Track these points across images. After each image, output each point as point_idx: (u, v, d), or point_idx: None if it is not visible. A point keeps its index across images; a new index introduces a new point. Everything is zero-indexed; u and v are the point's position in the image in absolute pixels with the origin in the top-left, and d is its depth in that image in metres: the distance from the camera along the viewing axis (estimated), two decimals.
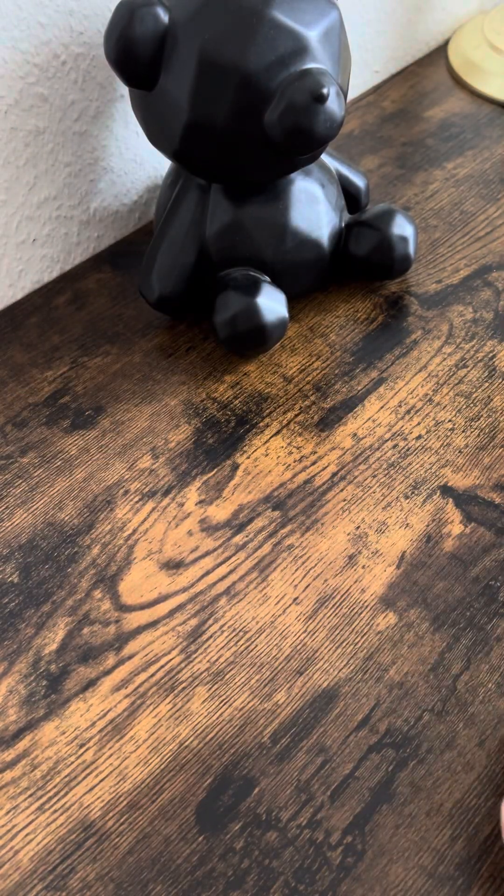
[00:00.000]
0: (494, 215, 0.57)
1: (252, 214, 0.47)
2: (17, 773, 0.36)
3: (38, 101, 0.47)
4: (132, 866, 0.34)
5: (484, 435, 0.46)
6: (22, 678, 0.39)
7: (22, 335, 0.52)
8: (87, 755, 0.37)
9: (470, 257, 0.55)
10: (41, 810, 0.35)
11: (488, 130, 0.63)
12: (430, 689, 0.38)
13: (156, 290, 0.49)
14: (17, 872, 0.34)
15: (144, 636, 0.40)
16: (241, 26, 0.40)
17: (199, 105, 0.42)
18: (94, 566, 0.42)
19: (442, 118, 0.65)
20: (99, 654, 0.39)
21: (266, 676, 0.38)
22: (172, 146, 0.44)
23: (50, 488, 0.45)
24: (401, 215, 0.51)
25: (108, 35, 0.42)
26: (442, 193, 0.59)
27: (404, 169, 0.61)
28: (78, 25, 0.47)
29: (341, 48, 0.43)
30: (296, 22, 0.41)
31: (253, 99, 0.41)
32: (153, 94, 0.43)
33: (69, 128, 0.50)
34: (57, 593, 0.41)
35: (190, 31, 0.41)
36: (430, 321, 0.52)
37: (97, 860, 0.34)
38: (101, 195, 0.54)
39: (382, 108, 0.66)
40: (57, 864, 0.34)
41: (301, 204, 0.48)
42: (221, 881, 0.33)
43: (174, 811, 0.35)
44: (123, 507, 0.44)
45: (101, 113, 0.51)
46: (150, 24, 0.41)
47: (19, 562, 0.42)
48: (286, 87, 0.41)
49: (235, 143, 0.43)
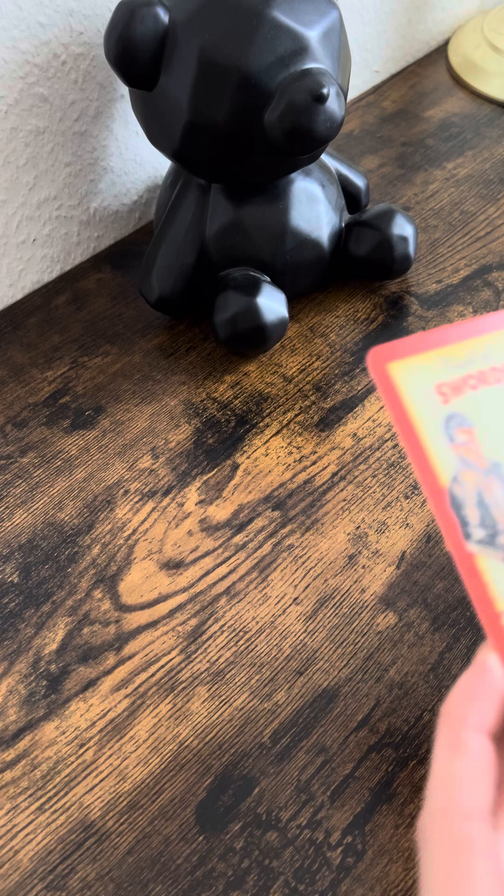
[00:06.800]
0: (494, 215, 0.57)
1: (252, 214, 0.47)
2: (17, 773, 0.36)
3: (38, 101, 0.47)
4: (132, 866, 0.34)
5: None
6: (22, 678, 0.39)
7: (22, 335, 0.52)
8: (87, 755, 0.37)
9: (470, 257, 0.55)
10: (41, 810, 0.35)
11: (488, 130, 0.63)
12: (430, 689, 0.38)
13: (156, 290, 0.49)
14: (17, 872, 0.34)
15: (144, 636, 0.40)
16: (241, 26, 0.40)
17: (200, 105, 0.42)
18: (94, 566, 0.42)
19: (442, 118, 0.64)
20: (99, 654, 0.39)
21: (266, 676, 0.38)
22: (172, 146, 0.44)
23: (50, 488, 0.45)
24: (401, 215, 0.51)
25: (108, 35, 0.42)
26: (442, 193, 0.59)
27: (404, 169, 0.61)
28: (78, 25, 0.47)
29: (341, 48, 0.43)
30: (296, 22, 0.41)
31: (253, 99, 0.41)
32: (153, 94, 0.43)
33: (69, 128, 0.50)
34: (57, 593, 0.41)
35: (190, 31, 0.41)
36: (431, 321, 0.52)
37: (97, 860, 0.34)
38: (101, 195, 0.54)
39: (382, 108, 0.66)
40: (57, 864, 0.34)
41: (301, 204, 0.48)
42: (221, 881, 0.33)
43: (174, 811, 0.35)
44: (123, 507, 0.44)
45: (101, 113, 0.51)
46: (150, 24, 0.41)
47: (19, 562, 0.42)
48: (286, 87, 0.41)
49: (235, 143, 0.43)
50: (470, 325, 0.28)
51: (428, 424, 0.26)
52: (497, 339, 0.28)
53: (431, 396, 0.26)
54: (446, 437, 0.26)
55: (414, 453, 0.26)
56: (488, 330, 0.28)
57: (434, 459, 0.26)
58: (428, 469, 0.26)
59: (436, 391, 0.27)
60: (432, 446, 0.26)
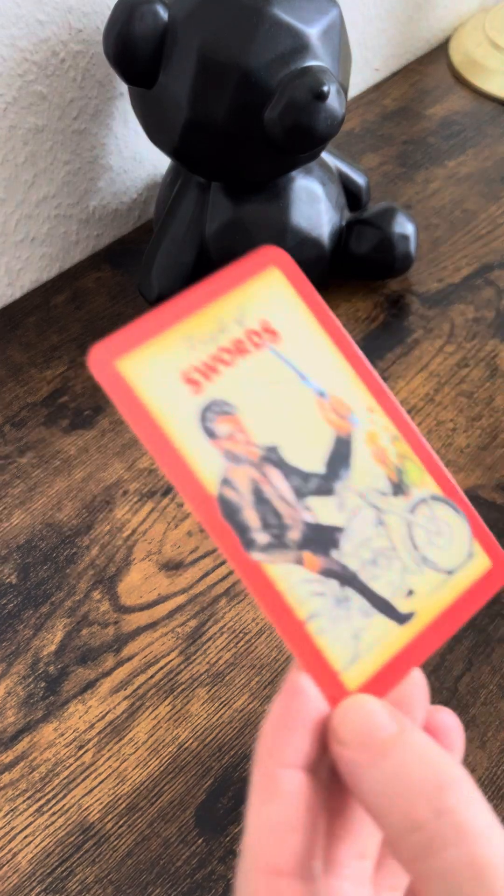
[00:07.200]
0: (496, 214, 0.57)
1: (252, 213, 0.47)
2: (15, 775, 0.36)
3: (36, 100, 0.47)
4: (131, 869, 0.34)
5: (486, 435, 0.46)
6: (20, 679, 0.38)
7: (21, 334, 0.51)
8: (85, 757, 0.36)
9: (471, 256, 0.55)
10: (40, 812, 0.35)
11: (490, 128, 0.63)
12: (432, 690, 0.38)
13: (155, 289, 0.49)
14: (15, 875, 0.34)
15: (144, 637, 0.39)
16: (241, 24, 0.40)
17: (199, 103, 0.41)
18: (93, 567, 0.42)
19: (443, 116, 0.64)
20: (98, 655, 0.39)
21: (266, 678, 0.38)
22: (172, 144, 0.44)
23: (48, 488, 0.45)
24: (402, 214, 0.50)
25: (107, 32, 0.42)
26: (443, 192, 0.59)
27: (405, 167, 0.61)
28: (77, 23, 0.47)
29: (342, 45, 0.43)
30: (296, 19, 0.41)
31: (253, 96, 0.41)
32: (153, 92, 0.43)
33: (68, 126, 0.50)
34: (55, 594, 0.41)
35: (190, 29, 0.40)
36: (432, 320, 0.51)
37: (96, 863, 0.34)
38: (101, 193, 0.54)
39: (383, 106, 0.65)
40: (56, 866, 0.34)
41: (301, 202, 0.48)
42: (221, 884, 0.33)
43: (174, 813, 0.35)
44: (122, 507, 0.44)
45: (101, 111, 0.51)
46: (149, 22, 0.41)
47: (18, 562, 0.42)
48: (287, 85, 0.40)
49: (235, 140, 0.42)
50: (210, 285, 0.22)
51: (179, 426, 0.21)
52: (247, 293, 0.23)
53: (178, 389, 0.21)
54: (203, 434, 0.21)
55: (167, 466, 0.21)
56: (234, 285, 0.23)
57: (194, 466, 0.21)
58: (188, 480, 0.21)
59: (183, 381, 0.22)
60: (189, 450, 0.21)
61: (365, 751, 0.20)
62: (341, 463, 0.23)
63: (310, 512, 0.22)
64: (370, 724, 0.21)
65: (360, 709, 0.21)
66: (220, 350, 0.22)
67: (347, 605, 0.22)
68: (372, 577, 0.23)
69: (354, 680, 0.22)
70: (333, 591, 0.22)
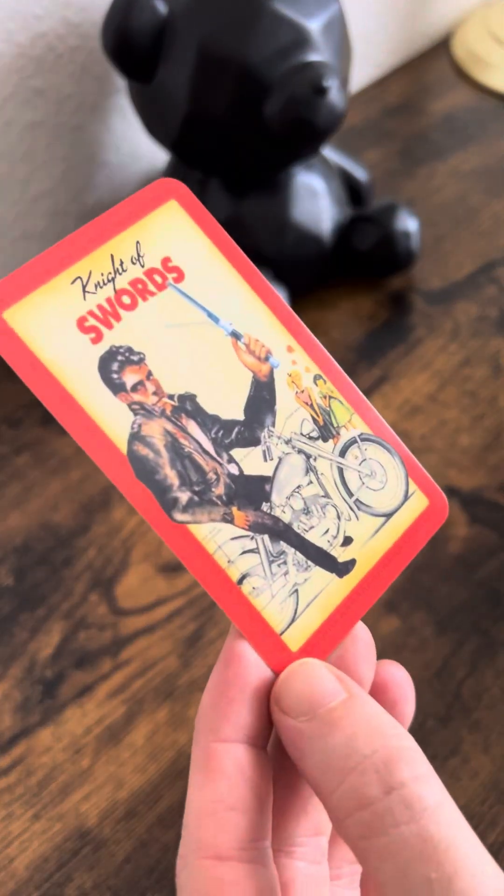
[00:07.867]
0: (500, 210, 0.57)
1: (252, 209, 0.46)
2: (11, 779, 0.35)
3: (33, 95, 0.47)
4: (129, 874, 0.33)
5: (489, 434, 0.45)
6: (17, 683, 0.38)
7: None
8: (83, 762, 0.36)
9: (475, 253, 0.54)
10: (37, 817, 0.35)
11: (493, 124, 0.62)
12: (435, 694, 0.37)
13: None
14: (12, 881, 0.33)
15: (141, 641, 0.39)
16: (241, 17, 0.39)
17: (199, 97, 0.41)
18: (90, 569, 0.41)
19: (446, 112, 0.64)
20: (95, 658, 0.38)
21: None
22: (171, 139, 0.43)
23: (45, 489, 0.44)
24: (404, 210, 0.50)
25: (105, 26, 0.41)
26: (446, 188, 0.58)
27: (408, 163, 0.60)
28: (74, 17, 0.46)
29: (343, 40, 0.42)
30: (297, 13, 0.40)
31: (253, 91, 0.40)
32: (151, 87, 0.42)
33: (65, 122, 0.49)
34: (52, 597, 0.40)
35: (189, 23, 0.40)
36: (435, 318, 0.51)
37: (94, 868, 0.33)
38: (98, 190, 0.53)
39: (385, 102, 0.65)
40: (53, 872, 0.33)
41: (302, 198, 0.47)
42: None
43: (172, 819, 0.34)
44: (120, 508, 0.43)
45: (98, 106, 0.50)
46: (148, 16, 0.40)
47: (13, 564, 0.41)
48: (287, 80, 0.40)
49: (235, 135, 0.42)
50: (103, 222, 0.20)
51: (80, 380, 0.19)
52: (145, 229, 0.21)
53: (75, 339, 0.19)
54: (107, 387, 0.19)
55: (71, 426, 0.19)
56: (130, 221, 0.21)
57: (101, 423, 0.19)
58: (95, 439, 0.19)
59: (80, 329, 0.19)
60: (93, 406, 0.19)
61: (310, 721, 0.19)
62: (263, 408, 0.21)
63: (234, 463, 0.21)
64: (316, 690, 0.19)
65: (304, 674, 0.19)
66: (119, 293, 0.20)
67: (282, 560, 0.21)
68: (306, 528, 0.21)
69: (296, 640, 0.20)
70: (266, 546, 0.21)
